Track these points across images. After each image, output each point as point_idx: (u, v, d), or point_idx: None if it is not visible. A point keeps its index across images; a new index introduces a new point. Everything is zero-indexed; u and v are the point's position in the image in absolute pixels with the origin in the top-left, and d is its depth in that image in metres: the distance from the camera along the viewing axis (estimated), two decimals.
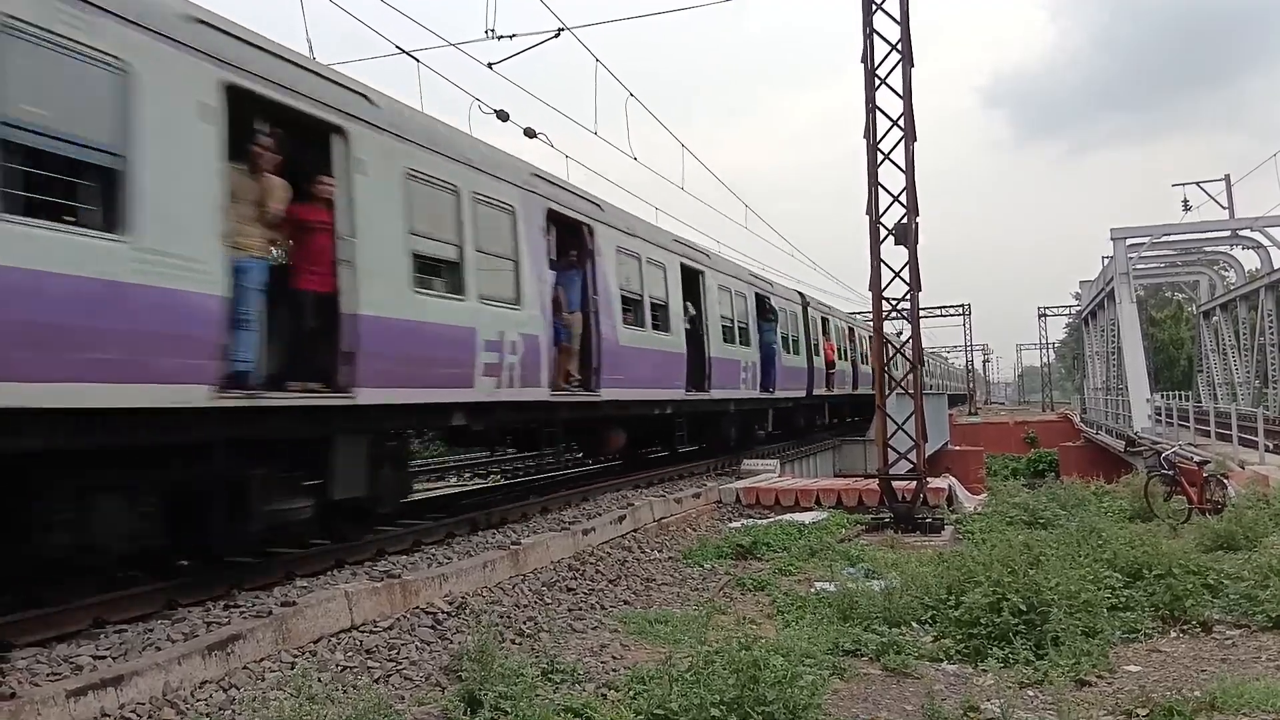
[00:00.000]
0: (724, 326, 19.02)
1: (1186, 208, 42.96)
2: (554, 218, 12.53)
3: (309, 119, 8.34)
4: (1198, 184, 43.40)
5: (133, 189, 6.46)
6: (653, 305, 15.48)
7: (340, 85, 8.86)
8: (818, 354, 27.01)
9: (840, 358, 29.81)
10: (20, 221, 5.75)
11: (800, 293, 26.77)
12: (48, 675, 5.54)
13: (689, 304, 17.31)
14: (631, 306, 14.78)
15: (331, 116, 8.54)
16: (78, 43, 6.17)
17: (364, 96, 9.07)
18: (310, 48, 11.28)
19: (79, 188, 6.28)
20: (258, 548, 8.64)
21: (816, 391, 26.69)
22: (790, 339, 24.11)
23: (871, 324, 15.96)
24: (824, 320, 28.51)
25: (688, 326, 17.00)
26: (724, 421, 20.37)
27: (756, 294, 21.87)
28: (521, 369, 11.10)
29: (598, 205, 14.10)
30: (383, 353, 8.85)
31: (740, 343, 20.03)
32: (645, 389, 14.99)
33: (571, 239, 13.38)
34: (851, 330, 33.06)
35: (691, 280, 17.66)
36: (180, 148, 6.95)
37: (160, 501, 7.28)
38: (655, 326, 15.54)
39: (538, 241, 11.88)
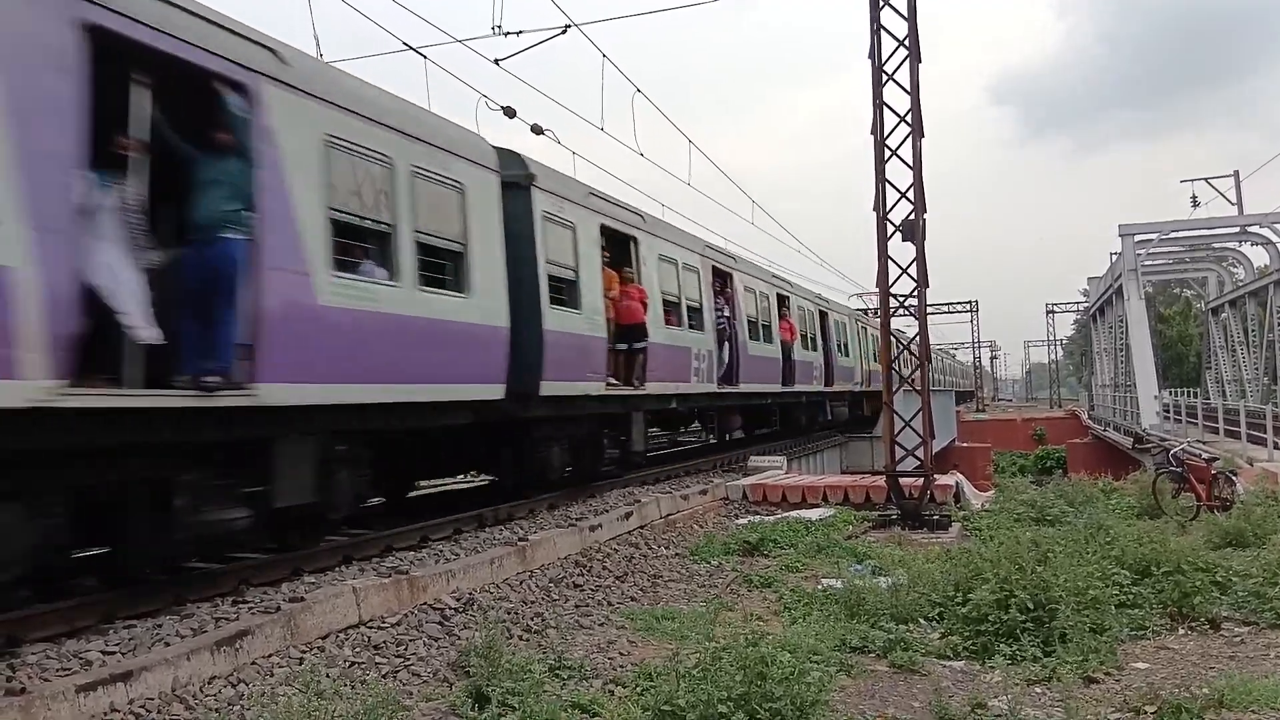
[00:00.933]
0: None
1: (1195, 204, 42.92)
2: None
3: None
4: (1206, 180, 43.38)
5: None
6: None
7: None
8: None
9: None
10: None
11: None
12: (58, 671, 5.56)
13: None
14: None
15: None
16: None
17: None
18: (317, 44, 11.30)
19: None
20: (267, 545, 8.66)
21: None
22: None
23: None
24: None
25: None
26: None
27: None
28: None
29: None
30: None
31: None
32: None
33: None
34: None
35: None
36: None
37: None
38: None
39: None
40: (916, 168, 14.39)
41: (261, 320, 7.45)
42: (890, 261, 14.67)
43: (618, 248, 14.97)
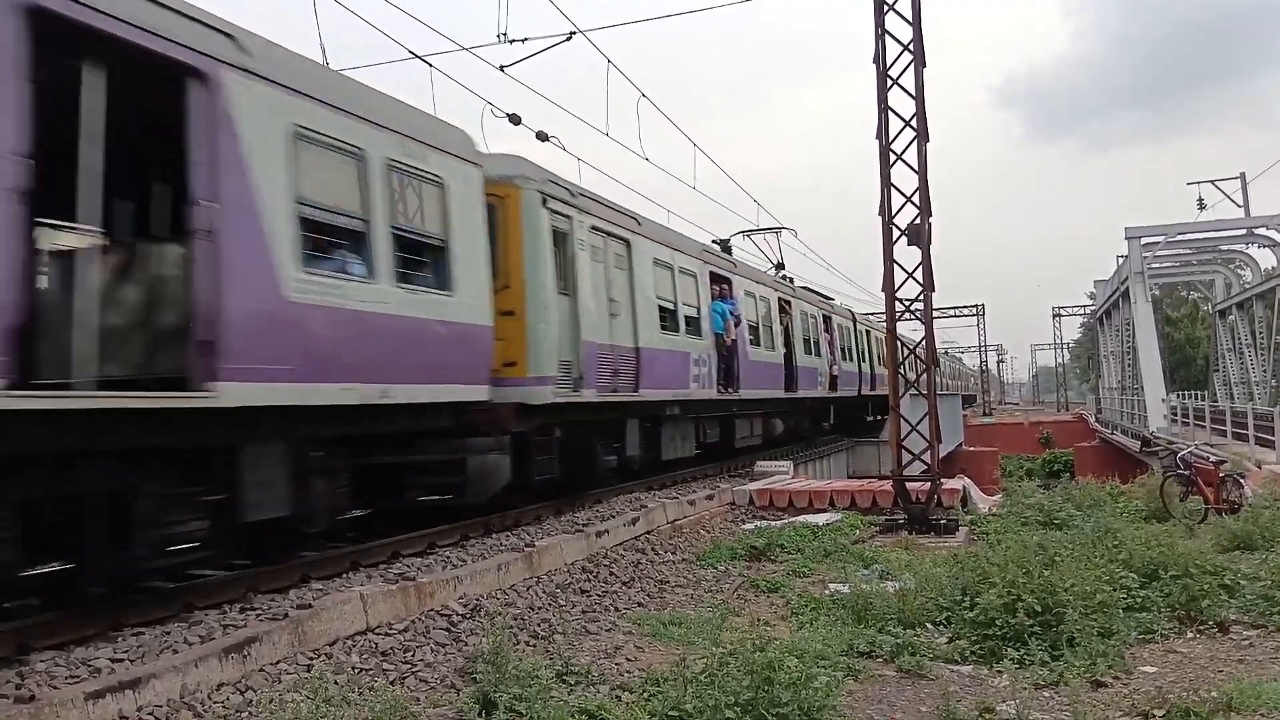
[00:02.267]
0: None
1: (1202, 206, 42.78)
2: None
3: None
4: (1213, 182, 43.25)
5: None
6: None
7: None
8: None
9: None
10: None
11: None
12: (66, 678, 5.57)
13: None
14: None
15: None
16: None
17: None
18: (323, 52, 11.35)
19: None
20: (274, 553, 8.65)
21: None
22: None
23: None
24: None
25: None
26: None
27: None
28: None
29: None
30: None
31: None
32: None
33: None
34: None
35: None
36: None
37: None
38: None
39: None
40: (922, 172, 14.40)
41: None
42: (896, 265, 14.67)
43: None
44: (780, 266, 27.33)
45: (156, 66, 6.89)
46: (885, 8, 14.55)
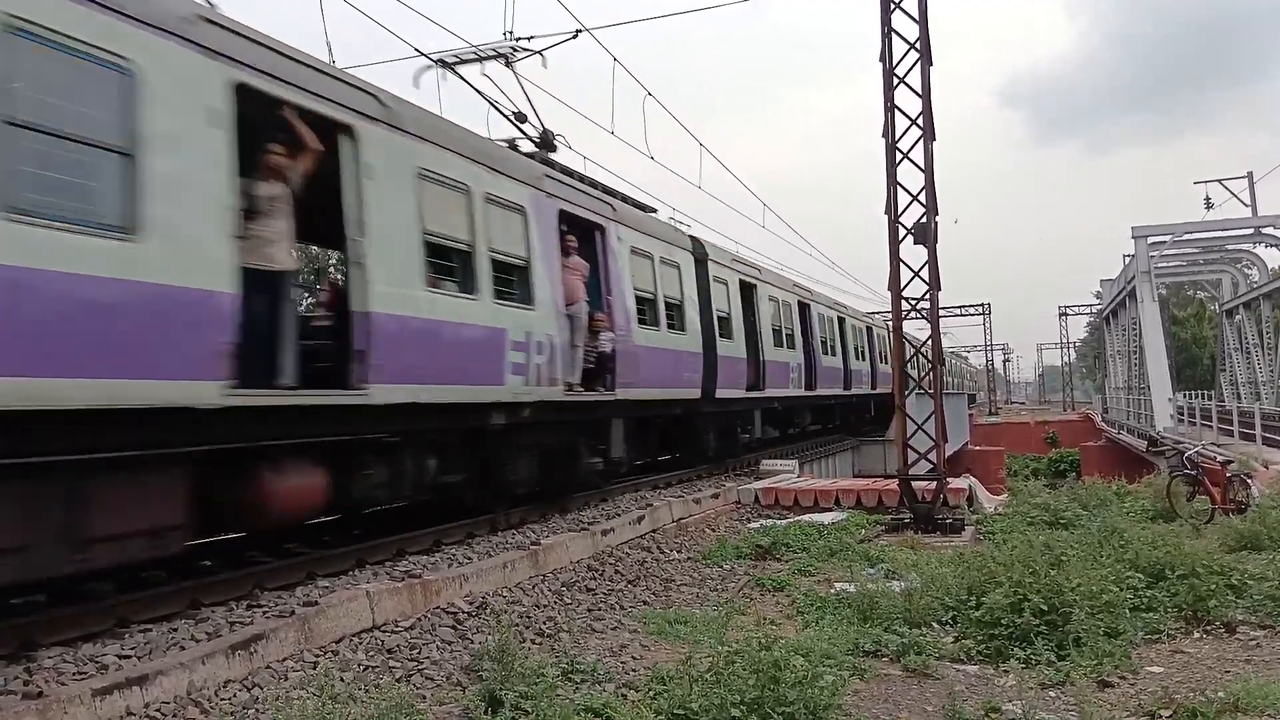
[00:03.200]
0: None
1: (1209, 205, 42.75)
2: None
3: None
4: (1220, 181, 43.20)
5: None
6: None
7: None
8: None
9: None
10: None
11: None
12: (74, 674, 5.59)
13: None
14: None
15: None
16: None
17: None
18: (330, 51, 11.35)
19: None
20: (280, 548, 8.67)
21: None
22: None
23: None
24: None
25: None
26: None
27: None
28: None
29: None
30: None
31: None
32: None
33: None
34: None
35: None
36: None
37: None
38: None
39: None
40: (928, 170, 14.37)
41: None
42: (902, 264, 14.66)
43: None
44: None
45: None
46: (892, 6, 14.53)
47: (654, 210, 16.99)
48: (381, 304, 8.53)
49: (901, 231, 14.53)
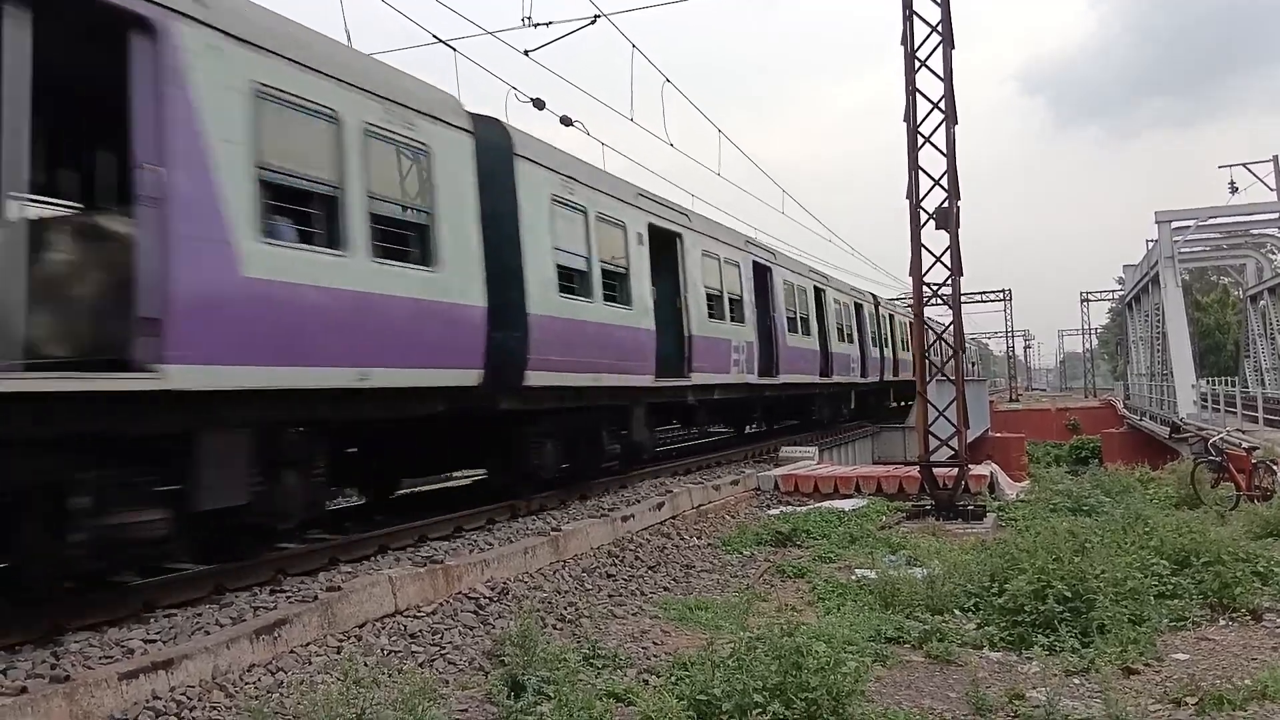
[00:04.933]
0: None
1: (1233, 190, 42.21)
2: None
3: None
4: (1245, 165, 42.64)
5: None
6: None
7: None
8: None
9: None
10: None
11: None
12: (100, 658, 5.64)
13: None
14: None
15: None
16: None
17: None
18: (349, 37, 11.35)
19: None
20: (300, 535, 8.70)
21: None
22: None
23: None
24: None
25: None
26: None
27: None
28: None
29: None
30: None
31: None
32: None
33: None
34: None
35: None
36: None
37: None
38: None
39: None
40: (950, 154, 14.25)
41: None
42: (924, 249, 14.56)
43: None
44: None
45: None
46: None
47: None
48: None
49: (923, 216, 14.43)
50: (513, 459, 11.62)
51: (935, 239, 14.49)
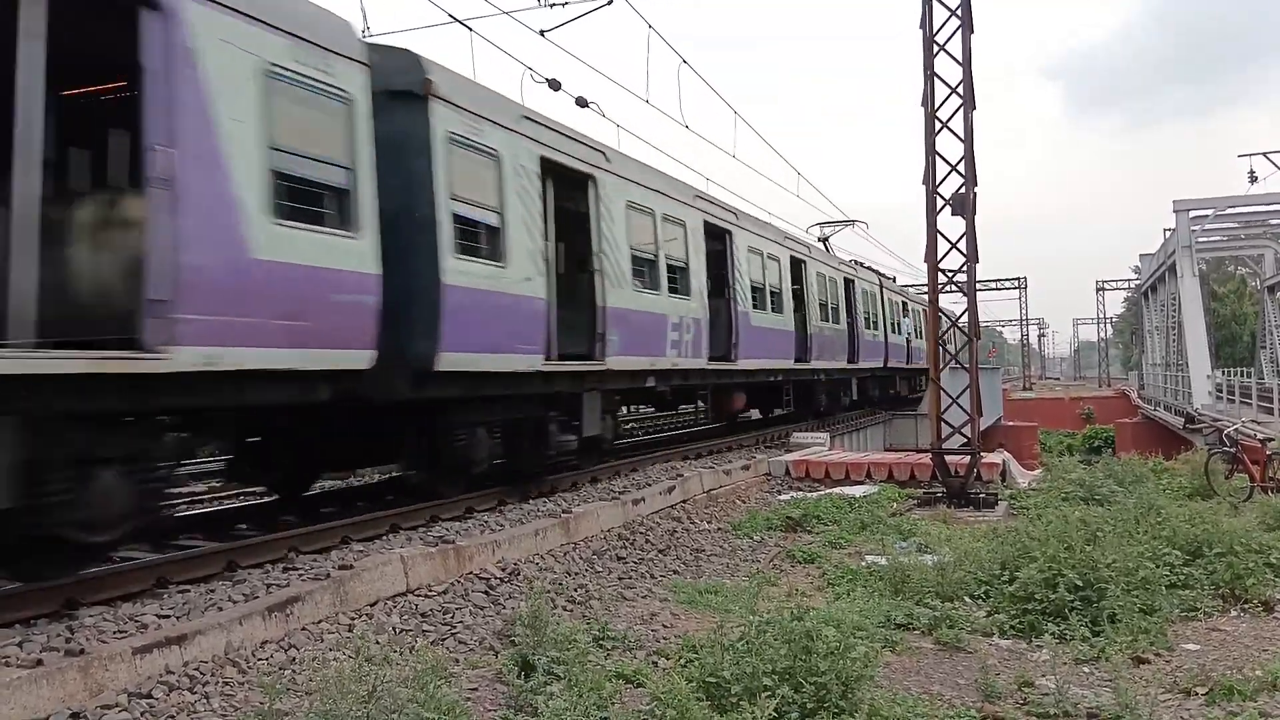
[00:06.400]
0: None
1: (1253, 179, 41.73)
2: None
3: None
4: (1264, 154, 42.17)
5: None
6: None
7: None
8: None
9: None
10: None
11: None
12: (115, 633, 5.68)
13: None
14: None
15: None
16: None
17: None
18: (364, 17, 11.32)
19: None
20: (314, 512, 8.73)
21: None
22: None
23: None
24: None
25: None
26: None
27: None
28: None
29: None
30: None
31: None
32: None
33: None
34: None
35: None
36: None
37: None
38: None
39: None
40: (968, 140, 14.16)
41: None
42: (940, 236, 14.48)
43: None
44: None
45: None
46: None
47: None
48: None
49: (939, 202, 14.36)
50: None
51: (950, 228, 14.45)
